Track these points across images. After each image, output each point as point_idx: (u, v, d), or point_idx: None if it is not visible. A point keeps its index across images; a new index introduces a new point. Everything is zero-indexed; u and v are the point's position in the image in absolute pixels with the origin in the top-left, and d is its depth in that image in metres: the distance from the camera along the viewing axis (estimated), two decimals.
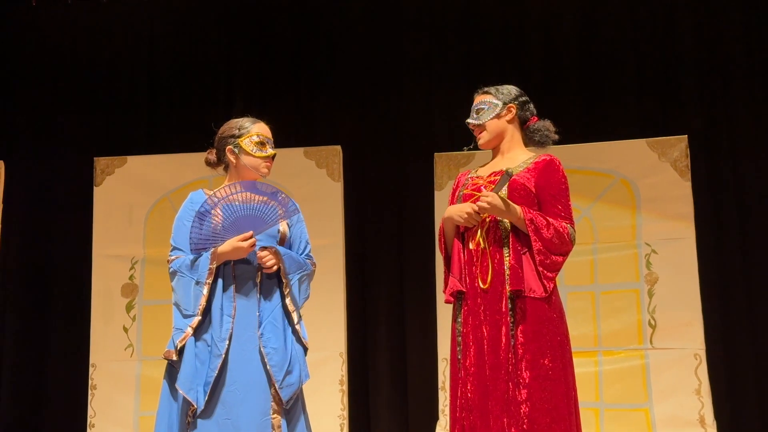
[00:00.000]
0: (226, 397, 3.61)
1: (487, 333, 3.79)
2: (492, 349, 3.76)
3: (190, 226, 3.76)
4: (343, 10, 7.23)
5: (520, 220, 3.80)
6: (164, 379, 3.75)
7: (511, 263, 3.81)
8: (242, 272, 3.76)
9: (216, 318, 3.67)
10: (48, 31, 7.38)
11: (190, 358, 3.62)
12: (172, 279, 3.78)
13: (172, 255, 3.83)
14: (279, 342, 3.71)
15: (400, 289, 6.84)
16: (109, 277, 6.63)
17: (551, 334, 3.78)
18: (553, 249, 3.82)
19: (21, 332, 6.99)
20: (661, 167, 6.32)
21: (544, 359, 3.73)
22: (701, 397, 5.99)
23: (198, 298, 3.68)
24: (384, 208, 6.99)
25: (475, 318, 3.84)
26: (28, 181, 7.13)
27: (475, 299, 3.85)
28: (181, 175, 6.58)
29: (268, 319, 3.73)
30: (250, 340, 3.68)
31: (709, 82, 6.74)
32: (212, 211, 3.72)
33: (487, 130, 4.07)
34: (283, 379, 3.66)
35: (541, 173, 3.93)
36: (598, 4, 6.97)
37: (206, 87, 7.24)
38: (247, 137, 3.90)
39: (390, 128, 7.07)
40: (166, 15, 7.38)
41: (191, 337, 3.65)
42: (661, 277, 6.19)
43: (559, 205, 3.92)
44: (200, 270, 3.70)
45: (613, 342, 6.19)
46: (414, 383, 6.66)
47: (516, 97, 4.10)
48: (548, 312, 3.79)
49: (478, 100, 4.13)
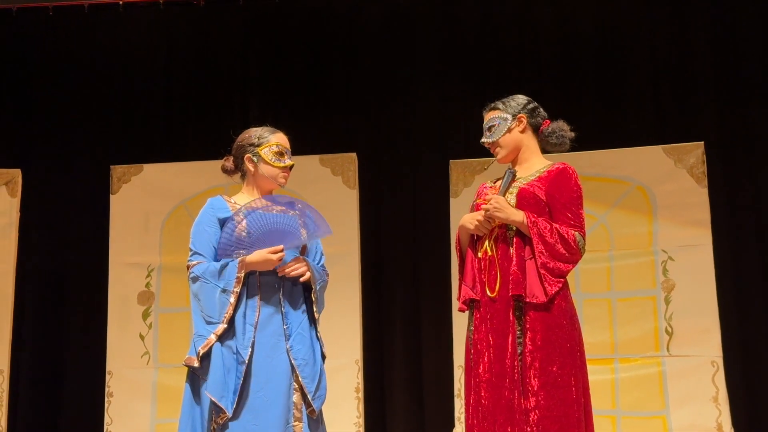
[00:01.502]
0: (253, 403, 3.63)
1: (493, 341, 3.80)
2: (498, 357, 3.78)
3: (210, 231, 3.78)
4: (359, 19, 7.24)
5: (523, 224, 3.81)
6: (186, 382, 3.77)
7: (513, 269, 3.81)
8: (267, 282, 3.78)
9: (239, 326, 3.68)
10: (65, 40, 7.41)
11: (219, 365, 3.63)
12: (194, 284, 3.78)
13: (192, 260, 3.83)
14: (308, 354, 3.75)
15: (415, 297, 6.84)
16: (126, 284, 6.64)
17: (561, 341, 3.78)
18: (557, 254, 3.81)
19: (38, 339, 7.01)
20: (677, 174, 6.30)
21: (552, 366, 3.73)
22: (719, 405, 5.95)
23: (224, 306, 3.69)
24: (399, 216, 6.99)
25: (487, 325, 3.85)
26: (45, 189, 7.16)
27: (487, 307, 3.87)
28: (197, 183, 6.59)
29: (297, 331, 3.75)
30: (275, 348, 3.70)
31: (725, 88, 6.72)
32: (243, 221, 3.75)
33: (502, 146, 4.08)
34: (315, 391, 3.70)
35: (553, 182, 3.94)
36: (614, 11, 6.96)
37: (222, 95, 7.26)
38: (266, 146, 3.92)
39: (405, 135, 7.08)
40: (182, 23, 7.41)
41: (216, 343, 3.66)
42: (678, 284, 6.17)
43: (569, 213, 3.91)
44: (227, 278, 3.71)
45: (630, 349, 6.17)
46: (429, 391, 6.66)
47: (524, 106, 4.10)
48: (557, 318, 3.80)
49: (488, 117, 4.13)
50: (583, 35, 6.97)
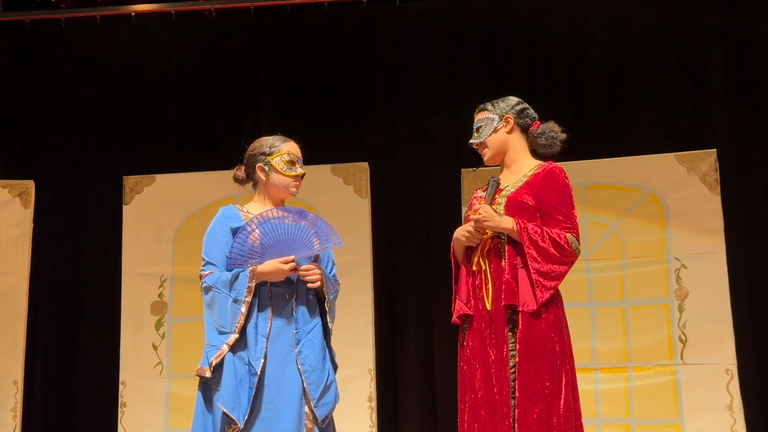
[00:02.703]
0: (266, 413, 3.63)
1: (494, 356, 3.78)
2: (492, 371, 3.76)
3: (223, 241, 3.79)
4: (370, 28, 7.25)
5: (513, 231, 3.79)
6: (198, 391, 3.77)
7: (506, 278, 3.79)
8: (279, 293, 3.78)
9: (251, 337, 3.69)
10: (77, 51, 7.44)
11: (231, 376, 3.63)
12: (206, 293, 3.79)
13: (205, 270, 3.84)
14: (317, 361, 3.74)
15: (428, 306, 6.82)
16: (139, 294, 6.66)
17: (548, 354, 3.74)
18: (550, 257, 3.78)
19: (51, 350, 7.02)
20: (690, 181, 6.28)
21: (541, 379, 3.71)
22: (733, 413, 5.93)
23: (236, 316, 3.69)
24: (411, 225, 6.99)
25: (480, 341, 3.83)
26: (58, 200, 7.19)
27: (480, 322, 3.85)
28: (209, 193, 6.60)
29: (307, 337, 3.75)
30: (288, 358, 3.71)
31: (738, 95, 6.70)
32: (255, 230, 3.75)
33: (489, 147, 4.06)
34: (319, 398, 3.69)
35: (539, 185, 3.90)
36: (626, 18, 6.95)
37: (234, 105, 7.28)
38: (277, 155, 3.92)
39: (417, 144, 7.07)
40: (194, 34, 7.43)
41: (228, 353, 3.66)
42: (691, 291, 6.14)
43: (560, 215, 3.87)
44: (238, 288, 3.71)
45: (644, 357, 6.14)
46: (442, 400, 6.63)
47: (512, 107, 4.08)
48: (546, 332, 3.76)
49: (477, 118, 4.13)
50: (596, 43, 6.96)
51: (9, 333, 6.57)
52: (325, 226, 3.84)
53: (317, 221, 3.83)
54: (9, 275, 6.65)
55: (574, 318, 4.05)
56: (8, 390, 6.47)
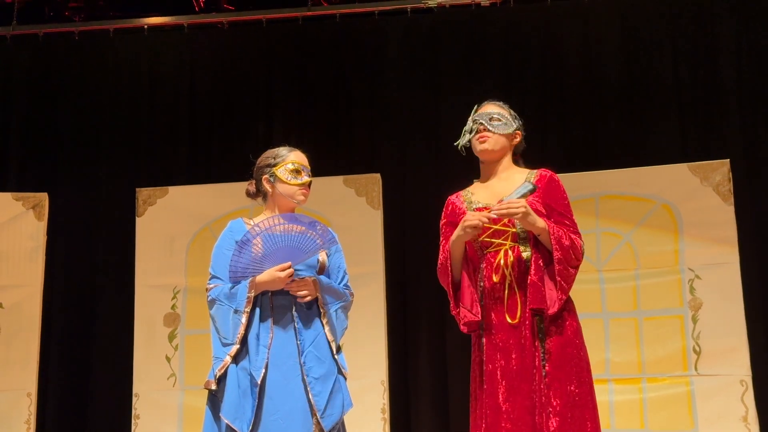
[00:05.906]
0: (270, 424, 3.62)
1: (516, 365, 3.76)
2: (520, 382, 3.74)
3: (228, 255, 3.80)
4: (382, 39, 7.27)
5: (544, 230, 3.78)
6: (207, 404, 3.78)
7: (532, 279, 3.78)
8: (280, 303, 3.79)
9: (252, 347, 3.69)
10: (90, 63, 7.48)
11: (234, 387, 3.64)
12: (211, 307, 3.82)
13: (210, 283, 3.86)
14: (322, 371, 3.73)
15: (441, 317, 6.80)
16: (152, 306, 6.67)
17: (576, 360, 3.76)
18: (570, 260, 3.79)
19: (65, 362, 7.04)
20: (703, 192, 6.26)
21: (570, 386, 3.71)
22: (748, 425, 5.89)
23: (237, 327, 3.71)
24: (424, 236, 6.95)
25: (503, 354, 3.80)
26: (72, 213, 7.21)
27: (501, 333, 3.82)
28: (222, 205, 6.60)
29: (310, 348, 3.74)
30: (292, 368, 3.70)
31: (751, 106, 6.69)
32: (253, 241, 3.75)
33: (496, 141, 4.05)
34: (325, 409, 3.68)
35: (546, 190, 3.93)
36: (638, 29, 6.95)
37: (246, 117, 7.30)
38: (282, 165, 3.93)
39: (429, 155, 7.07)
40: (206, 46, 7.46)
41: (231, 365, 3.67)
42: (705, 302, 6.12)
43: (567, 220, 3.90)
44: (238, 298, 3.73)
45: (658, 369, 6.12)
46: (456, 411, 6.62)
47: (521, 127, 4.15)
48: (571, 338, 3.78)
49: (495, 109, 4.12)
50: (608, 53, 6.96)
51: (22, 345, 6.58)
52: (320, 227, 3.81)
53: (314, 225, 3.80)
54: (23, 287, 6.67)
55: (587, 329, 4.04)
56: (22, 402, 6.48)
